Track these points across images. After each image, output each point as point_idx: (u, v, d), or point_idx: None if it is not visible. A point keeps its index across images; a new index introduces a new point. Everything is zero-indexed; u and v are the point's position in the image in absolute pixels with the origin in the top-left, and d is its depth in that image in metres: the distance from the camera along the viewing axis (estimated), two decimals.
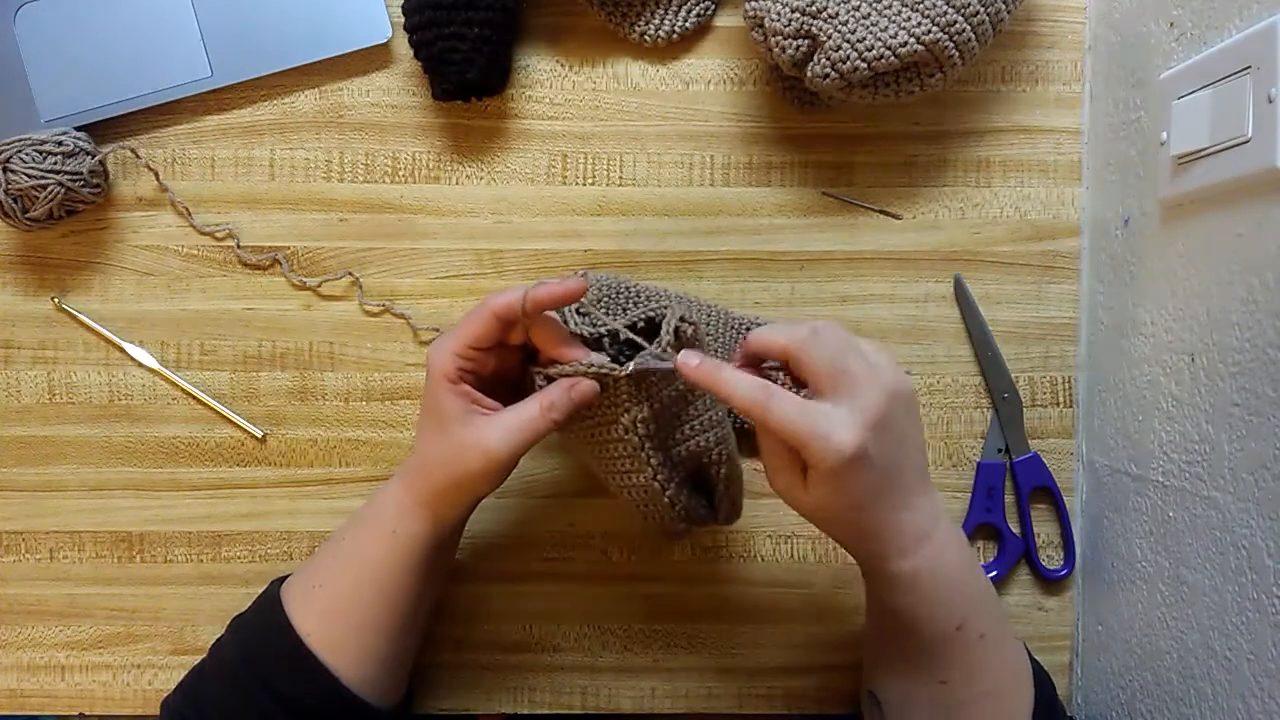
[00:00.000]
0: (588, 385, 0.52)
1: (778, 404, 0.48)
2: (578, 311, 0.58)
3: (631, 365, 0.52)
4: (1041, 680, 0.56)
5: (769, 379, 0.52)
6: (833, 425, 0.47)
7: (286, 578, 0.60)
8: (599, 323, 0.58)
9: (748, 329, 0.67)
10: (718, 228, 0.69)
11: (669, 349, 0.52)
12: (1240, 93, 0.51)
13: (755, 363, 0.53)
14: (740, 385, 0.49)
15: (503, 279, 0.69)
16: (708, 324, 0.67)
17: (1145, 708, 0.61)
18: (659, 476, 0.55)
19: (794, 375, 0.51)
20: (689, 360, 0.50)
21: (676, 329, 0.53)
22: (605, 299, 0.64)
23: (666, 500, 0.55)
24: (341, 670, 0.55)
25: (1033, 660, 0.57)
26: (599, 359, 0.53)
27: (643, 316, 0.56)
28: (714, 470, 0.58)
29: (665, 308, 0.55)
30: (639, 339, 0.54)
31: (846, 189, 0.69)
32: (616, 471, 0.56)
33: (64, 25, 0.66)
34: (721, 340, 0.67)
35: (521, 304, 0.52)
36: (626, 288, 0.65)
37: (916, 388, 0.69)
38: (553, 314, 0.55)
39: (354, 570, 0.57)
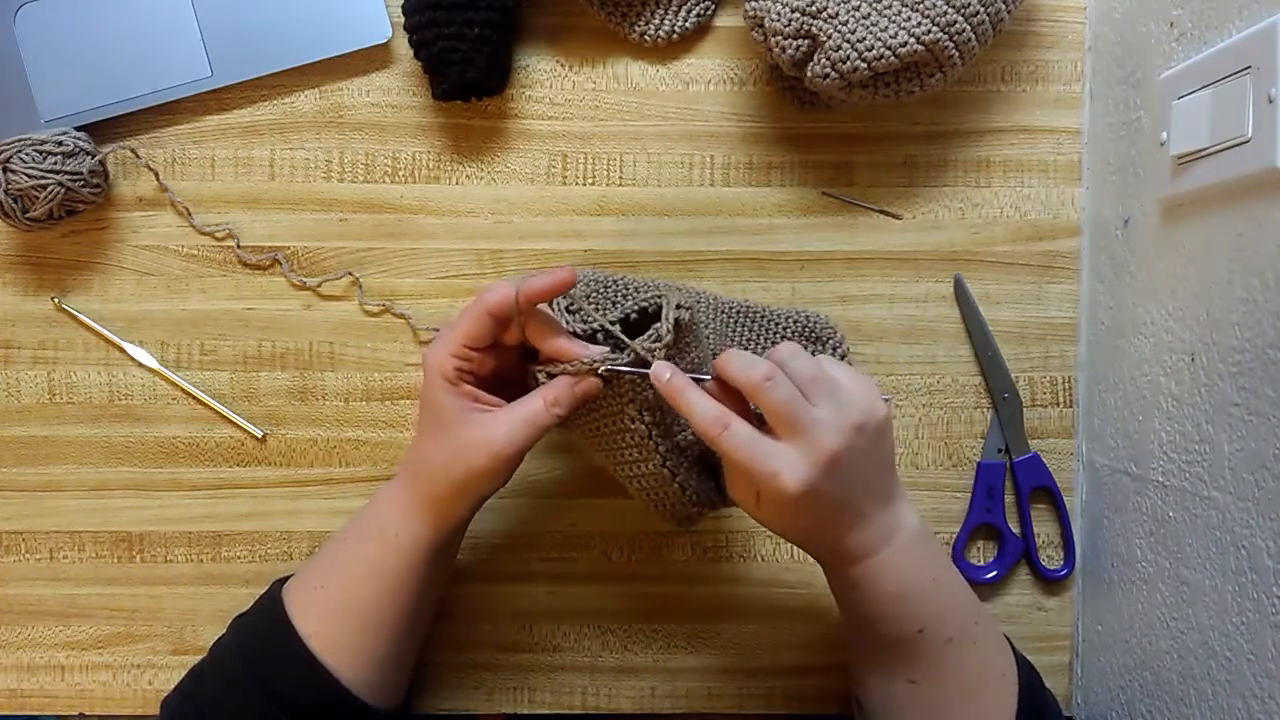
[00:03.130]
0: (592, 380, 0.53)
1: (730, 436, 0.49)
2: (568, 310, 0.58)
3: (618, 360, 0.52)
4: (1029, 682, 0.56)
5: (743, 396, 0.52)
6: (781, 464, 0.48)
7: (288, 578, 0.60)
8: (591, 319, 0.58)
9: (739, 313, 0.68)
10: (718, 228, 0.69)
11: (665, 346, 0.52)
12: (1240, 93, 0.51)
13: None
14: (699, 410, 0.50)
15: (502, 279, 0.69)
16: (700, 310, 0.67)
17: (1145, 708, 0.61)
18: (668, 463, 0.55)
19: None
20: (660, 373, 0.51)
21: (675, 318, 0.53)
22: (595, 294, 0.64)
23: (677, 486, 0.55)
24: (342, 671, 0.55)
25: (1025, 663, 0.57)
26: (599, 352, 0.53)
27: (635, 307, 0.56)
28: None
29: (658, 297, 0.55)
30: (624, 338, 0.54)
31: (846, 189, 0.69)
32: (624, 462, 0.56)
33: (64, 25, 0.66)
34: (713, 326, 0.67)
35: (515, 300, 0.52)
36: (614, 281, 0.65)
37: (916, 388, 0.70)
38: (547, 310, 0.55)
39: (355, 572, 0.57)
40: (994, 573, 0.70)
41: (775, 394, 0.49)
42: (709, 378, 0.52)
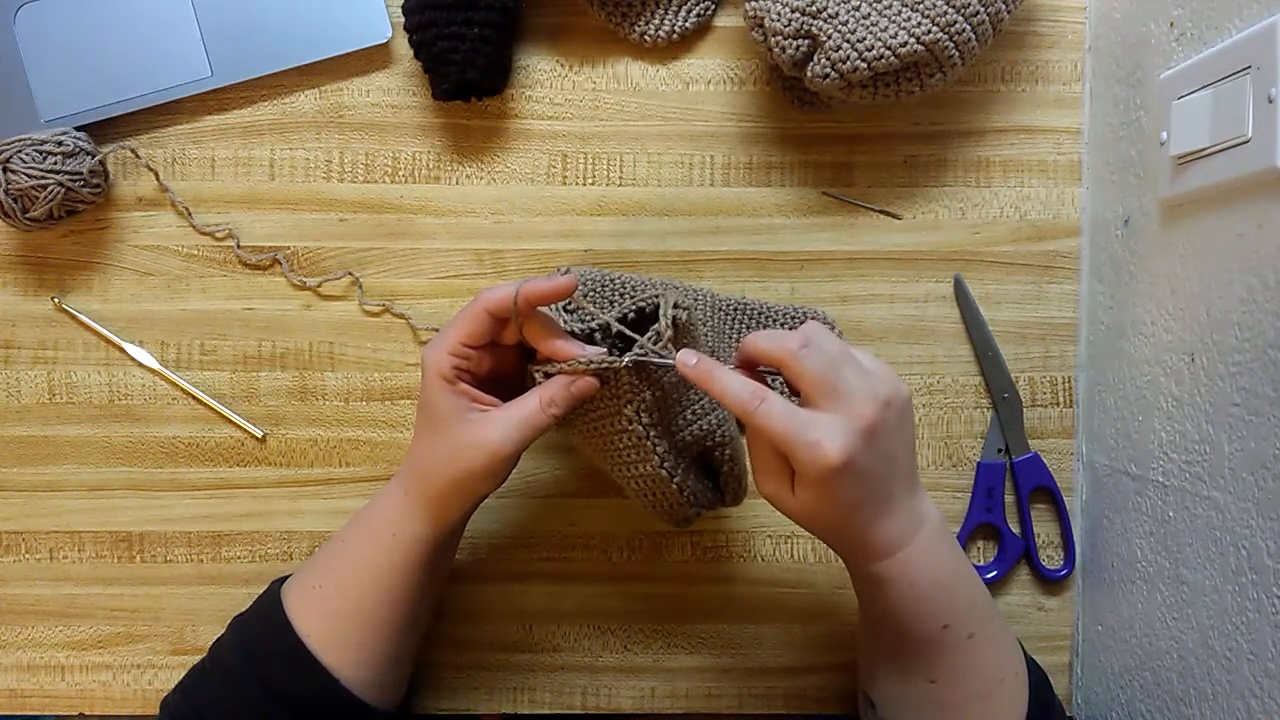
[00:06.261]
0: (587, 380, 0.52)
1: (767, 408, 0.48)
2: (565, 309, 0.58)
3: (629, 357, 0.52)
4: (1038, 682, 0.56)
5: (765, 382, 0.52)
6: (821, 433, 0.47)
7: (287, 578, 0.60)
8: (589, 317, 0.58)
9: (736, 310, 0.68)
10: (718, 228, 0.69)
11: (669, 343, 0.52)
12: (1240, 93, 0.51)
13: (751, 366, 0.53)
14: (732, 387, 0.49)
15: (502, 279, 0.69)
16: (697, 308, 0.67)
17: (1145, 708, 0.61)
18: (665, 464, 0.54)
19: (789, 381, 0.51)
20: (687, 359, 0.50)
21: (673, 317, 0.53)
22: (592, 293, 0.64)
23: (675, 487, 0.55)
24: (341, 671, 0.55)
25: (1031, 663, 0.57)
26: (596, 352, 0.53)
27: (633, 308, 0.56)
28: (718, 452, 0.58)
29: (656, 297, 0.55)
30: (632, 333, 0.53)
31: (846, 189, 0.69)
32: (622, 463, 0.55)
33: (64, 25, 0.66)
34: (711, 324, 0.67)
35: (514, 300, 0.52)
36: (611, 280, 0.65)
37: (916, 388, 0.70)
38: (545, 310, 0.55)
39: (354, 572, 0.57)
40: (994, 573, 0.70)
41: (810, 361, 0.49)
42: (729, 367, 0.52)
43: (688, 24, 0.68)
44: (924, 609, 0.53)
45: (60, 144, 0.63)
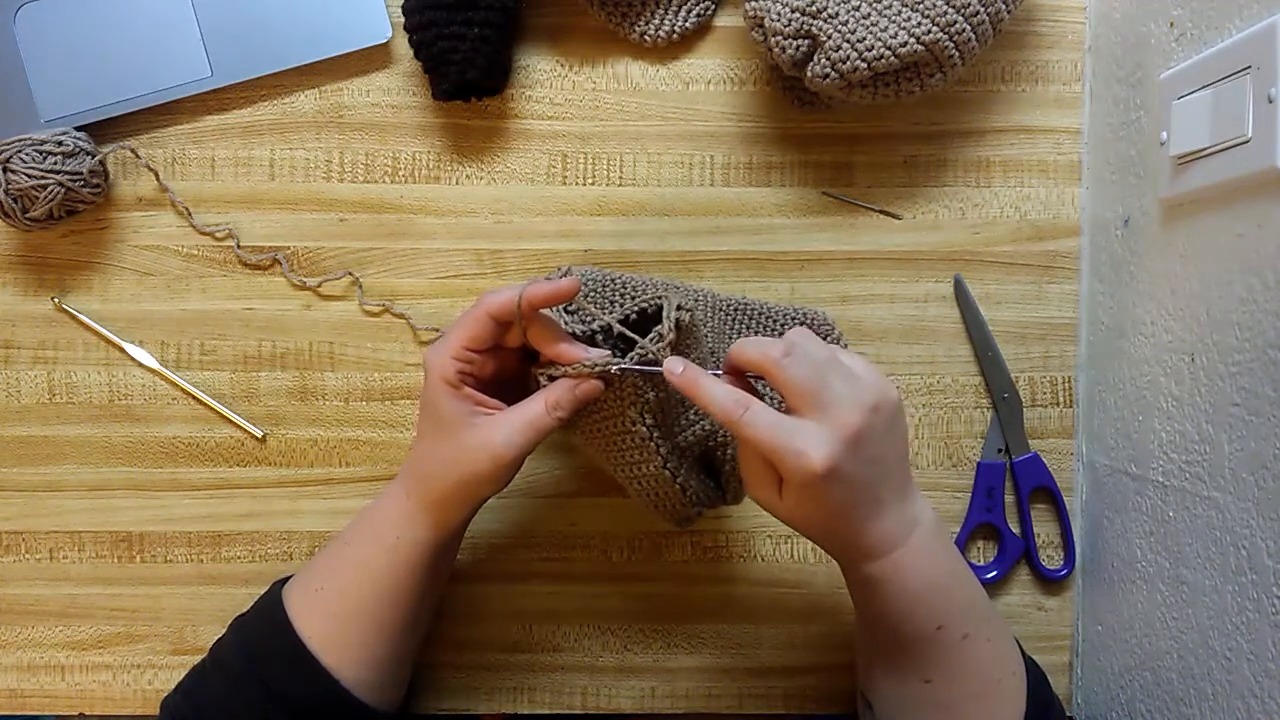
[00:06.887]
0: (592, 383, 0.52)
1: (752, 417, 0.48)
2: (567, 310, 0.58)
3: (620, 365, 0.52)
4: (1037, 682, 0.56)
5: (754, 389, 0.52)
6: (806, 441, 0.47)
7: (287, 579, 0.60)
8: (590, 319, 0.58)
9: (736, 310, 0.68)
10: (718, 228, 0.69)
11: (669, 345, 0.52)
12: (1240, 93, 0.51)
13: (739, 373, 0.53)
14: (717, 396, 0.49)
15: (503, 279, 0.69)
16: (697, 308, 0.67)
17: (1145, 708, 0.61)
18: (669, 465, 0.55)
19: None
20: (674, 367, 0.50)
21: (676, 319, 0.53)
22: (594, 294, 0.64)
23: (678, 487, 0.55)
24: (342, 672, 0.55)
25: (1030, 662, 0.57)
26: (600, 355, 0.53)
27: (635, 309, 0.56)
28: (720, 452, 0.58)
29: (658, 298, 0.55)
30: (634, 335, 0.54)
31: (846, 189, 0.69)
32: (625, 463, 0.56)
33: (64, 25, 0.66)
34: (711, 324, 0.67)
35: (517, 303, 0.52)
36: (613, 280, 0.65)
37: (916, 388, 0.70)
38: (548, 313, 0.55)
39: (355, 574, 0.57)
40: (994, 573, 0.70)
41: (794, 369, 0.49)
42: (717, 373, 0.52)
43: (688, 24, 0.68)
44: (917, 610, 0.53)
45: (60, 144, 0.63)
